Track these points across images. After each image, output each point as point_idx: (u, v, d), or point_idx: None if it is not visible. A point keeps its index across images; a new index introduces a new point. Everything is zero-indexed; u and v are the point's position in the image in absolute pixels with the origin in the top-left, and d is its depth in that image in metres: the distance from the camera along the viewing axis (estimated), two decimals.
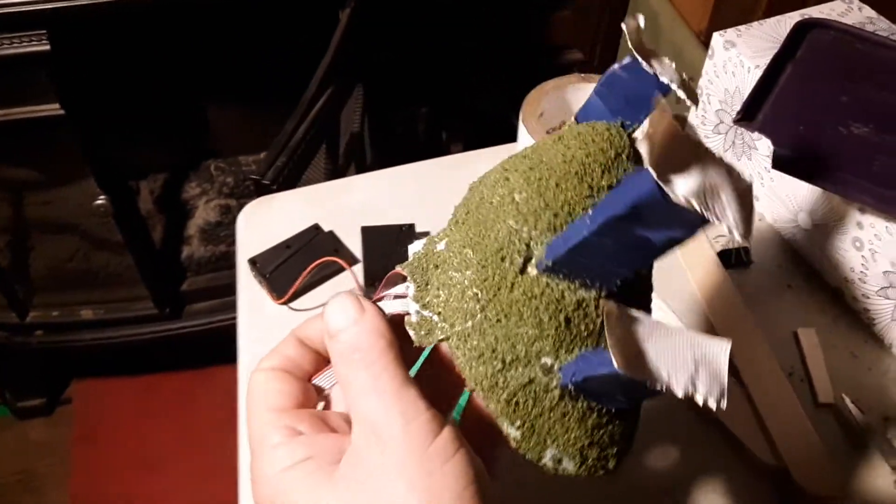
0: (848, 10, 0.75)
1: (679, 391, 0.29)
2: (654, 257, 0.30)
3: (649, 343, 0.30)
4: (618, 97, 0.34)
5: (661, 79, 0.32)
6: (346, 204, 0.77)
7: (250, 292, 0.69)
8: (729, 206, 0.26)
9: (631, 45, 0.33)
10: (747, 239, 0.26)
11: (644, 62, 0.32)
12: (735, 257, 0.70)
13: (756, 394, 0.60)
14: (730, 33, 0.73)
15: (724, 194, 0.27)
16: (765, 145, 0.71)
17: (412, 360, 0.35)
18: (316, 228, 0.73)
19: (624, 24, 0.33)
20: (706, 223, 0.26)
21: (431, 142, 1.70)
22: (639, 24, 0.33)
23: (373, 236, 0.72)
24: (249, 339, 0.66)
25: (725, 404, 0.29)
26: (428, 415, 0.30)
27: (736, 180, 0.28)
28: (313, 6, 1.32)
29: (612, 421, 0.33)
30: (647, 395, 0.30)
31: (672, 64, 0.33)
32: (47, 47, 1.02)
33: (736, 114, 0.65)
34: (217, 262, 1.50)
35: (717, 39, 0.73)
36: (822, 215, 0.66)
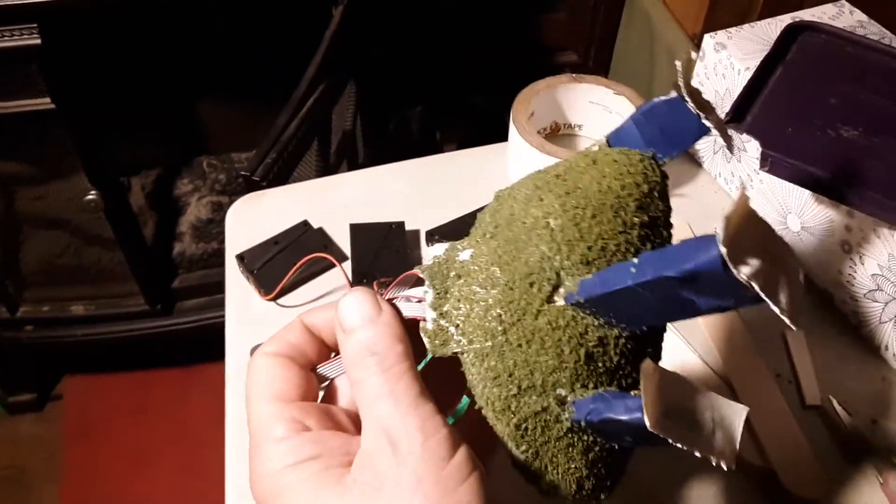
0: (839, 14, 0.75)
1: (696, 451, 0.29)
2: (693, 316, 0.30)
3: (675, 401, 0.30)
4: (654, 129, 0.34)
5: (703, 122, 0.32)
6: (335, 201, 0.76)
7: (238, 288, 0.69)
8: (783, 291, 0.26)
9: (681, 81, 0.33)
10: (795, 324, 0.26)
11: (690, 102, 0.32)
12: None
13: (744, 395, 0.60)
14: (720, 35, 0.73)
15: (782, 279, 0.26)
16: (754, 147, 0.71)
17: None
18: (305, 225, 0.73)
19: (678, 61, 0.33)
20: (759, 302, 0.26)
21: (425, 141, 1.70)
22: (692, 59, 0.34)
23: (361, 234, 0.72)
24: (237, 334, 0.66)
25: (734, 467, 0.29)
26: (445, 432, 0.29)
27: (794, 267, 0.27)
28: (307, 3, 1.32)
29: (612, 455, 0.33)
30: (657, 444, 0.30)
31: (714, 105, 0.33)
32: (38, 41, 1.01)
33: (725, 115, 0.65)
34: (209, 259, 1.50)
35: (708, 41, 0.73)
36: (810, 218, 0.66)
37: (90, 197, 1.22)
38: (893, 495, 0.55)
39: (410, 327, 0.33)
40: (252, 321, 0.67)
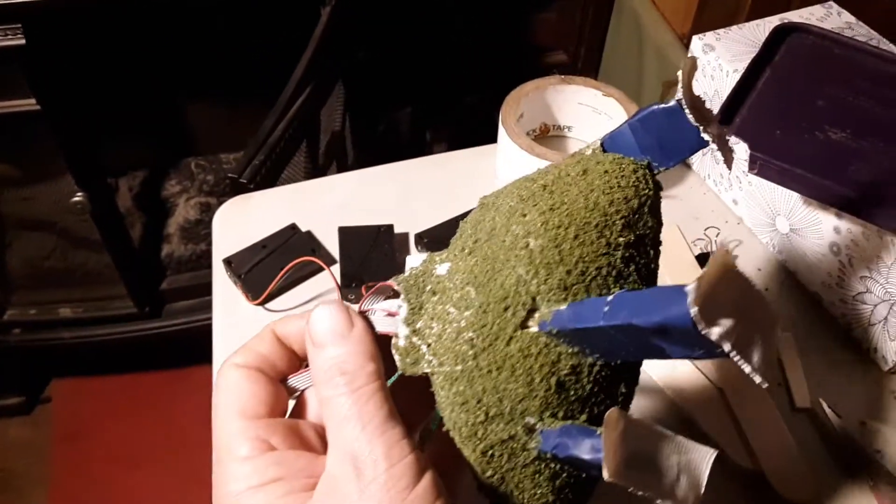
0: (827, 15, 0.75)
1: (657, 499, 0.28)
2: (666, 358, 0.29)
3: (639, 448, 0.29)
4: (651, 137, 0.33)
5: (703, 136, 0.31)
6: (324, 204, 0.76)
7: (226, 293, 0.69)
8: (756, 349, 0.26)
9: (681, 88, 0.31)
10: (767, 382, 0.26)
11: (689, 112, 0.31)
12: None
13: (733, 398, 0.60)
14: (709, 37, 0.73)
15: (756, 336, 0.26)
16: (742, 149, 0.71)
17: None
18: (293, 228, 0.73)
19: (680, 67, 0.32)
20: (728, 356, 0.25)
21: (414, 142, 1.69)
22: (695, 66, 0.32)
23: (350, 237, 0.72)
24: (225, 339, 0.65)
25: None
26: (411, 458, 0.29)
27: (770, 321, 0.27)
28: (294, 3, 1.31)
29: (579, 481, 0.33)
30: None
31: (716, 113, 0.32)
32: (22, 41, 1.00)
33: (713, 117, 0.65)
34: (197, 261, 1.49)
35: (696, 43, 0.73)
36: (799, 220, 0.66)
37: (77, 198, 1.21)
38: (883, 498, 0.55)
39: (382, 342, 0.33)
40: (240, 326, 0.66)
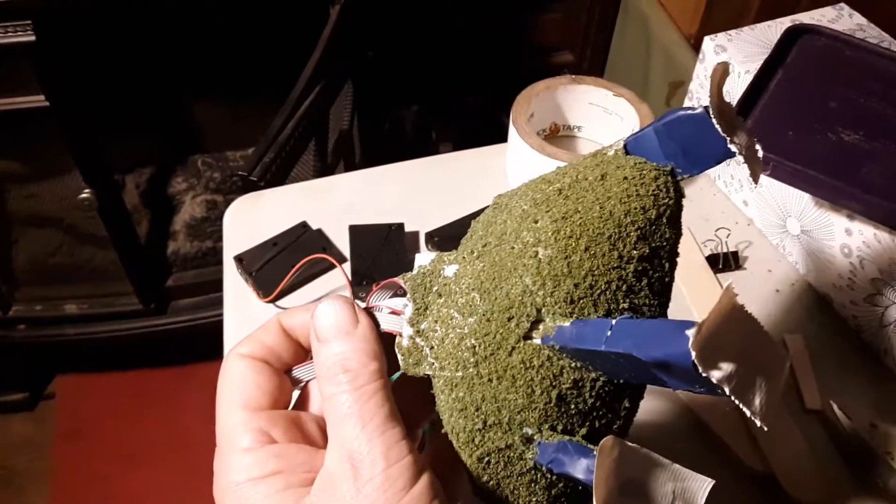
0: (838, 17, 0.75)
1: None
2: (667, 388, 0.29)
3: (634, 475, 0.29)
4: (675, 143, 0.32)
5: (729, 146, 0.30)
6: (334, 202, 0.76)
7: (236, 290, 0.69)
8: (757, 394, 0.25)
9: (710, 94, 0.30)
10: (767, 425, 0.26)
11: (716, 121, 0.30)
12: (723, 262, 0.70)
13: None
14: (720, 38, 0.73)
15: (759, 380, 0.25)
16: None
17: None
18: (303, 226, 0.73)
19: (712, 71, 0.31)
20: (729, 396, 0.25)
21: (421, 141, 1.69)
22: (727, 71, 0.31)
23: (361, 235, 0.72)
24: (235, 337, 0.65)
25: None
26: (408, 460, 0.29)
27: (778, 362, 0.26)
28: (303, 2, 1.31)
29: (575, 491, 0.33)
30: None
31: (745, 122, 0.31)
32: (32, 38, 1.01)
33: None
34: (203, 258, 1.49)
35: (708, 44, 0.73)
36: (810, 221, 0.66)
37: (84, 195, 1.21)
38: (893, 499, 0.55)
39: (386, 340, 0.33)
40: (250, 323, 0.66)
